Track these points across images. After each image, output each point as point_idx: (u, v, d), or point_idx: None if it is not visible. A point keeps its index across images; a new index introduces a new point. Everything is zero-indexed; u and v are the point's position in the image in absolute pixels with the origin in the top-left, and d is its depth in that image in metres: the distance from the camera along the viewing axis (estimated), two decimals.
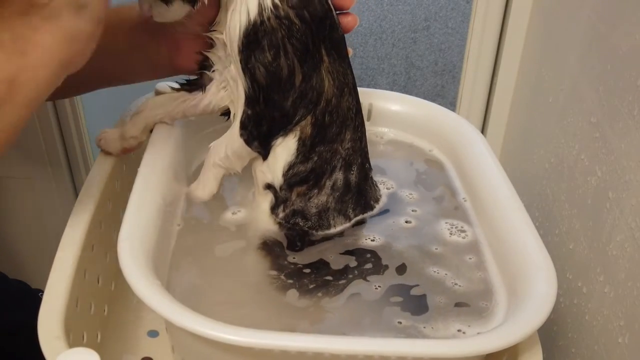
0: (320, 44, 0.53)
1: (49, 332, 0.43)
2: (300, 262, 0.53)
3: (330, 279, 0.52)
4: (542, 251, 0.49)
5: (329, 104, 0.54)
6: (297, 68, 0.52)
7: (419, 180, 0.64)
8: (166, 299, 0.43)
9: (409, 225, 0.58)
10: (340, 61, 0.55)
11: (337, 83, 0.54)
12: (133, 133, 0.60)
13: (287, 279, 0.52)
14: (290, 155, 0.55)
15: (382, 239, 0.56)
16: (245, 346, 0.40)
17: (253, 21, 0.50)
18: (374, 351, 0.40)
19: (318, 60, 0.53)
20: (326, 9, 0.53)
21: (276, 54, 0.51)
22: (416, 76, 2.06)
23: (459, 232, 0.57)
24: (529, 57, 0.85)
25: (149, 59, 0.60)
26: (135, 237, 0.48)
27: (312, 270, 0.52)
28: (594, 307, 0.57)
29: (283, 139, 0.55)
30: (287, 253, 0.54)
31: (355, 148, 0.57)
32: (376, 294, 0.50)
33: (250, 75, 0.52)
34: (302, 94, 0.53)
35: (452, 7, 2.11)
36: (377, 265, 0.53)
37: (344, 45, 0.56)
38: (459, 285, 0.51)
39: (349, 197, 0.57)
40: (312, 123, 0.54)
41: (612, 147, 0.56)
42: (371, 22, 2.12)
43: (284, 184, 0.56)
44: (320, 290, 0.51)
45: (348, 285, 0.51)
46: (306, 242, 0.55)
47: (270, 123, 0.54)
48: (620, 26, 0.57)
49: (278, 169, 0.56)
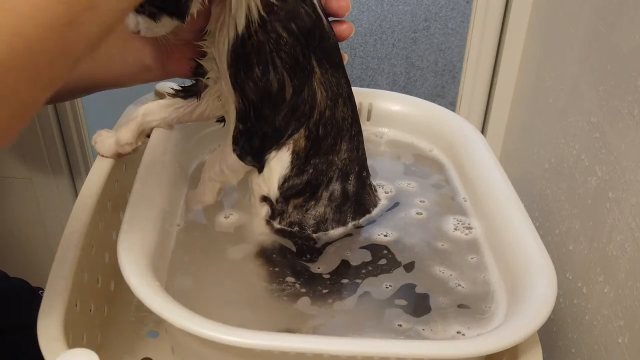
0: (311, 55, 0.52)
1: (48, 333, 0.43)
2: (299, 263, 0.53)
3: (328, 277, 0.52)
4: (542, 252, 0.49)
5: (323, 116, 0.54)
6: (287, 82, 0.51)
7: (419, 180, 0.64)
8: (166, 299, 0.43)
9: (412, 222, 0.58)
10: (333, 71, 0.54)
11: (330, 94, 0.54)
12: (128, 140, 0.59)
13: (287, 279, 0.52)
14: (284, 168, 0.55)
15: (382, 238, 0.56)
16: (244, 347, 0.40)
17: (241, 35, 0.49)
18: (373, 352, 0.40)
19: (309, 72, 0.52)
20: (314, 20, 0.51)
21: (265, 68, 0.50)
22: (416, 76, 2.07)
23: (465, 228, 0.57)
24: (529, 57, 0.85)
25: (141, 62, 0.60)
26: (135, 237, 0.48)
27: (307, 273, 0.52)
28: (594, 307, 0.57)
29: (276, 152, 0.54)
30: (287, 256, 0.54)
31: (352, 158, 0.57)
32: (385, 293, 0.50)
33: (240, 91, 0.51)
34: (293, 107, 0.52)
35: (452, 8, 2.11)
36: (383, 264, 0.53)
37: (337, 53, 0.55)
38: (462, 286, 0.51)
39: (348, 207, 0.57)
40: (306, 136, 0.54)
41: (612, 147, 0.56)
42: (371, 22, 2.12)
43: (280, 197, 0.56)
44: (317, 290, 0.51)
45: (344, 286, 0.51)
46: (303, 247, 0.55)
47: (262, 138, 0.54)
48: (620, 26, 0.57)
49: (273, 182, 0.55)
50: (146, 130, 0.60)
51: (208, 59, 0.55)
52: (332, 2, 0.55)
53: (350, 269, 0.53)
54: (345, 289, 0.51)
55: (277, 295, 0.50)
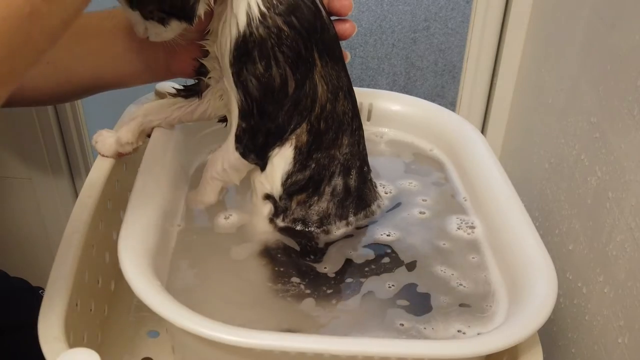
0: (313, 47, 0.52)
1: (49, 332, 0.43)
2: (300, 263, 0.53)
3: (333, 276, 0.52)
4: (543, 252, 0.49)
5: (324, 110, 0.54)
6: (289, 76, 0.51)
7: (420, 179, 0.64)
8: (166, 299, 0.43)
9: (414, 221, 0.58)
10: (334, 64, 0.54)
11: (331, 87, 0.54)
12: (129, 139, 0.59)
13: (292, 279, 0.52)
14: (287, 164, 0.55)
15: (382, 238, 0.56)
16: (245, 347, 0.40)
17: (242, 33, 0.49)
18: (374, 352, 0.40)
19: (311, 65, 0.52)
20: (314, 11, 0.51)
21: (267, 64, 0.50)
22: (416, 76, 2.07)
23: (468, 227, 0.57)
24: (529, 57, 0.85)
25: (145, 62, 0.60)
26: (136, 237, 0.48)
27: (312, 273, 0.52)
28: (594, 307, 0.57)
29: (279, 148, 0.54)
30: (288, 255, 0.54)
31: (354, 152, 0.57)
32: (388, 292, 0.50)
33: (243, 89, 0.51)
34: (295, 102, 0.52)
35: (452, 8, 2.11)
36: (386, 262, 0.53)
37: (337, 45, 0.55)
38: (464, 285, 0.51)
39: (350, 202, 0.57)
40: (308, 130, 0.54)
41: (612, 147, 0.56)
42: (371, 22, 2.12)
43: (284, 194, 0.56)
44: (321, 291, 0.51)
45: (340, 284, 0.51)
46: (306, 246, 0.55)
47: (266, 135, 0.54)
48: (620, 26, 0.57)
49: (276, 179, 0.55)
50: (147, 130, 0.60)
51: (210, 58, 0.55)
52: (334, 1, 0.55)
53: (354, 268, 0.53)
54: (349, 288, 0.51)
55: (282, 295, 0.50)
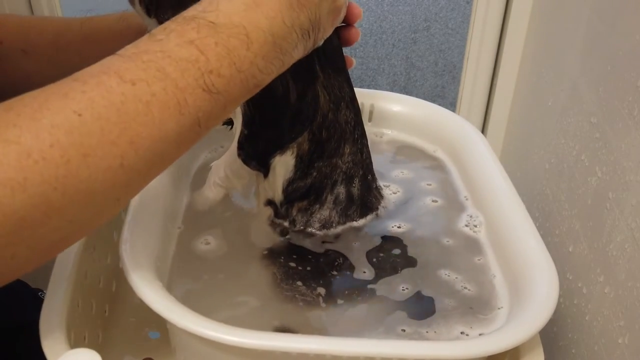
0: (314, 59, 0.52)
1: (50, 332, 0.44)
2: (302, 266, 0.53)
3: (335, 276, 0.52)
4: (544, 253, 0.49)
5: (326, 119, 0.54)
6: (291, 86, 0.51)
7: (420, 178, 0.64)
8: (168, 300, 0.43)
9: (421, 214, 0.58)
10: (336, 74, 0.54)
11: (332, 97, 0.54)
12: None
13: (294, 282, 0.52)
14: (288, 171, 0.55)
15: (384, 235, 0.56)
16: (246, 348, 0.40)
17: None
18: (376, 353, 0.40)
19: (312, 76, 0.52)
20: None
21: None
22: (416, 77, 2.06)
23: (474, 226, 0.57)
24: (529, 57, 0.85)
25: None
26: (137, 238, 0.48)
27: (314, 275, 0.52)
28: (594, 308, 0.57)
29: (281, 156, 0.54)
30: (289, 258, 0.54)
31: (356, 161, 0.57)
32: (392, 294, 0.50)
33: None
34: (297, 111, 0.52)
35: (452, 8, 2.11)
36: (392, 262, 0.53)
37: (339, 56, 0.55)
38: (468, 288, 0.51)
39: (353, 210, 0.57)
40: (309, 139, 0.54)
41: (612, 147, 0.56)
42: (371, 22, 2.12)
43: (284, 200, 0.56)
44: (323, 293, 0.51)
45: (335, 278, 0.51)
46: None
47: (267, 142, 0.54)
48: (620, 26, 0.57)
49: (278, 186, 0.55)
50: None
51: None
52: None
53: (357, 270, 0.53)
54: (351, 291, 0.51)
55: (283, 297, 0.50)
